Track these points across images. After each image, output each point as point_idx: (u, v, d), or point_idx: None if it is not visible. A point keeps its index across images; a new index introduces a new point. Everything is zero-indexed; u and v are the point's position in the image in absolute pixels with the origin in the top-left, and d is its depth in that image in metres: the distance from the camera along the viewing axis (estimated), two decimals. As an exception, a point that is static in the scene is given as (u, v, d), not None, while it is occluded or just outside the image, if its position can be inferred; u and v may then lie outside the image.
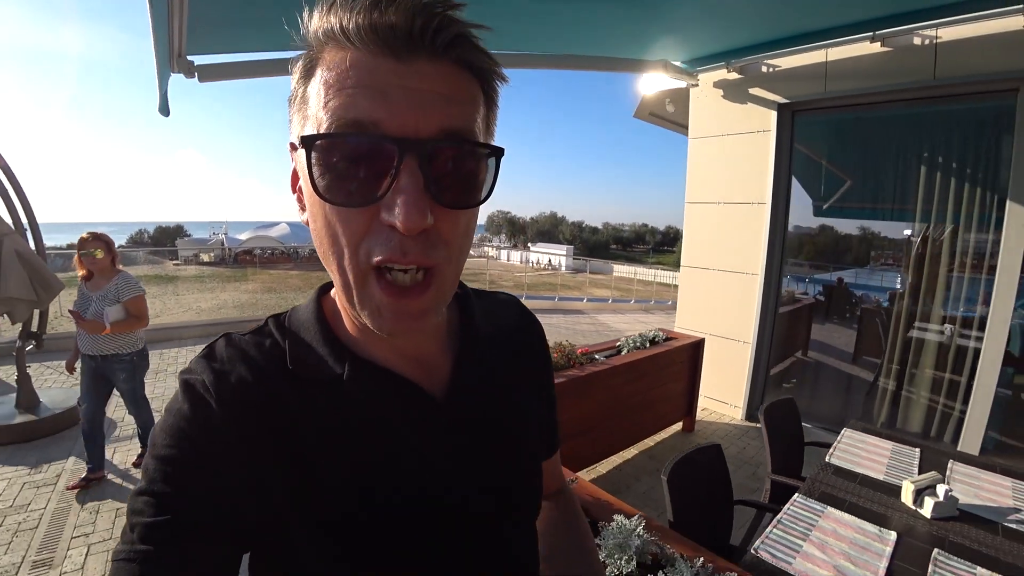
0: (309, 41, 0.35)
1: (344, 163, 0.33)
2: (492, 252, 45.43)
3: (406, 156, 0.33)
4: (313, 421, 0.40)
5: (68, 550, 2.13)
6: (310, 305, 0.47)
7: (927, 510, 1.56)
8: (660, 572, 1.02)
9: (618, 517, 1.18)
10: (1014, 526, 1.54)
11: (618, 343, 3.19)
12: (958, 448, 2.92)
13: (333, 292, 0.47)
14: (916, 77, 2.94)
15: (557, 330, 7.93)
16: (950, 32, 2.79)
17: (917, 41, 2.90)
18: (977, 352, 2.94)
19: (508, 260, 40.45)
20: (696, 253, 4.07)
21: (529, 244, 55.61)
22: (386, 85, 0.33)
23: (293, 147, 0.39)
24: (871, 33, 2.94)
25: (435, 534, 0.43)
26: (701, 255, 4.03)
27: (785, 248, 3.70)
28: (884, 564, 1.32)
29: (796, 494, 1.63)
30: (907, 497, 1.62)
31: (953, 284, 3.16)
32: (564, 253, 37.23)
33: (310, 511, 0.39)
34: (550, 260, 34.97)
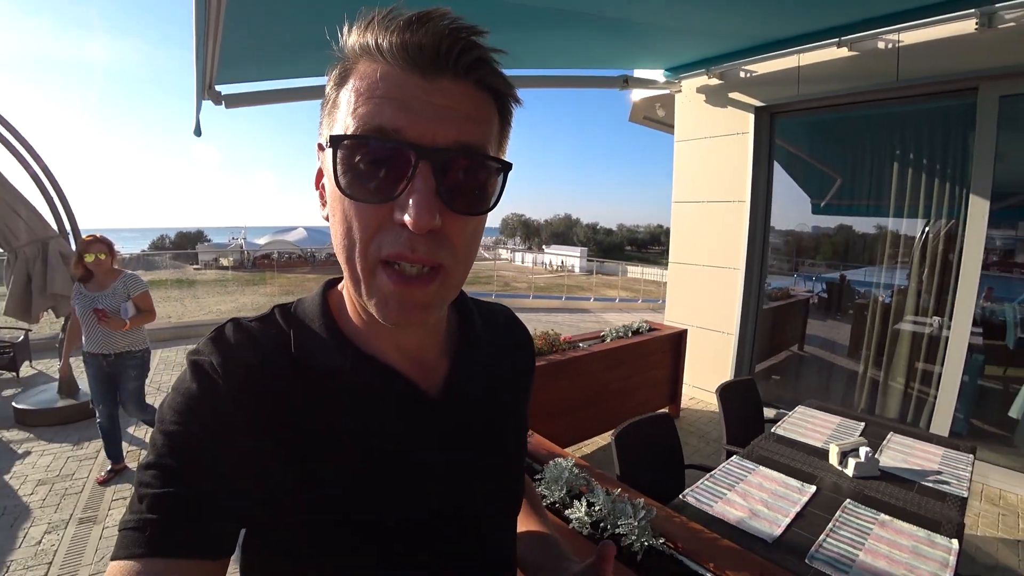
0: (346, 53, 0.39)
1: (366, 163, 0.36)
2: (506, 255, 45.71)
3: (422, 162, 0.36)
4: (313, 408, 0.42)
5: (109, 509, 2.46)
6: (316, 298, 0.48)
7: (850, 469, 1.75)
8: (582, 497, 1.26)
9: (557, 459, 1.42)
10: (930, 484, 1.72)
11: (602, 333, 3.41)
12: (930, 431, 3.05)
13: (340, 286, 0.49)
14: (881, 79, 3.10)
15: (561, 327, 8.13)
16: (911, 36, 2.96)
17: (881, 45, 3.07)
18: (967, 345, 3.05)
19: (522, 263, 40.70)
20: (683, 250, 4.26)
21: (543, 246, 55.75)
22: (411, 98, 0.36)
23: (321, 147, 0.42)
24: (837, 39, 3.12)
25: (423, 527, 0.45)
26: (687, 251, 4.23)
27: (767, 243, 3.87)
28: (796, 509, 1.53)
29: (733, 455, 1.84)
30: (834, 459, 1.81)
31: (924, 278, 3.30)
32: (578, 255, 37.30)
33: (305, 496, 0.41)
34: (562, 262, 35.11)
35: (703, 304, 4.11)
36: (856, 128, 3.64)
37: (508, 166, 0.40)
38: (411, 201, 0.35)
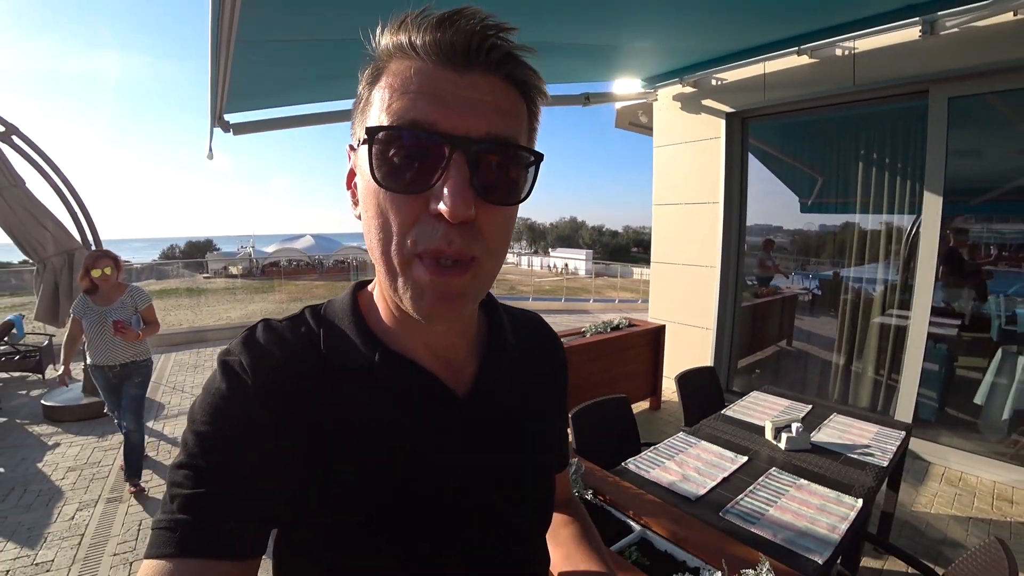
0: (378, 54, 0.40)
1: (401, 156, 0.37)
2: (512, 258, 46.03)
3: (455, 152, 0.36)
4: (341, 407, 0.42)
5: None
6: (346, 298, 0.49)
7: (783, 443, 1.94)
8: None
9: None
10: (856, 456, 1.90)
11: (582, 329, 3.63)
12: (895, 417, 3.21)
13: (370, 287, 0.50)
14: (840, 84, 3.29)
15: (557, 327, 8.32)
16: (865, 43, 3.15)
17: (838, 52, 3.27)
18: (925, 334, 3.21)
19: (528, 266, 40.97)
20: (663, 250, 4.47)
21: (549, 250, 55.98)
22: (444, 92, 0.37)
23: (352, 148, 0.43)
24: (797, 48, 3.32)
25: (448, 528, 0.45)
26: (667, 251, 4.43)
27: (743, 242, 4.06)
28: (723, 475, 1.73)
29: (679, 432, 2.05)
30: (769, 434, 2.01)
31: (891, 272, 3.47)
32: (583, 258, 37.49)
33: (332, 494, 0.41)
34: (567, 264, 35.32)
35: (684, 301, 4.31)
36: (823, 130, 3.83)
37: (540, 157, 0.41)
38: (446, 190, 0.36)
